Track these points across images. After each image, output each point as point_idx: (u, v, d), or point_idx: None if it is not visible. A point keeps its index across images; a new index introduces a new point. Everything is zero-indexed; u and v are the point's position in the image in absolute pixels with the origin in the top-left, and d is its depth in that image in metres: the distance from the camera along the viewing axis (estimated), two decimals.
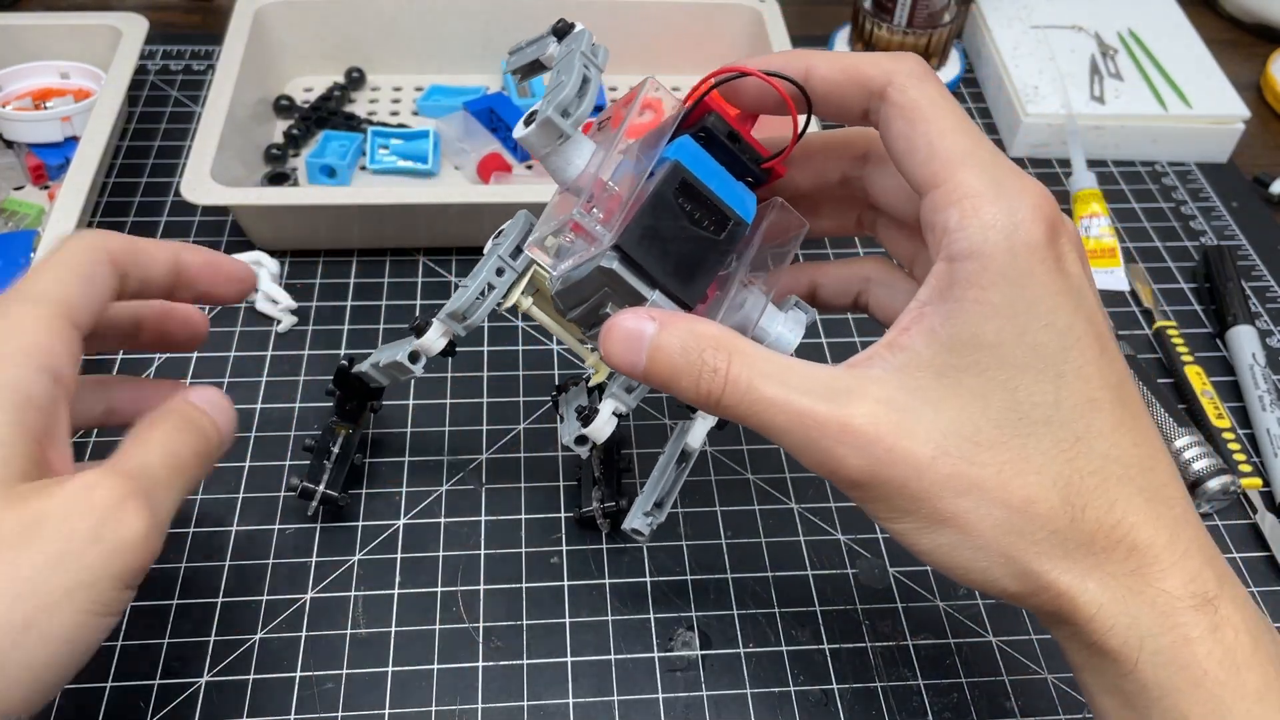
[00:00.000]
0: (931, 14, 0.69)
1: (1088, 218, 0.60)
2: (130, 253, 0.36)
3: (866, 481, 0.31)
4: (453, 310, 0.39)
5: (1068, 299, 0.31)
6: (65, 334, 0.32)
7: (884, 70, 0.33)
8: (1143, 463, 0.31)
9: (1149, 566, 0.30)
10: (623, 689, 0.41)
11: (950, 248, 0.31)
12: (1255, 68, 0.77)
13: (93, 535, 0.29)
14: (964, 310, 0.30)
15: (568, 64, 0.34)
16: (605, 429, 0.39)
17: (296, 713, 0.40)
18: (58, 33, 0.63)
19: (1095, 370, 0.31)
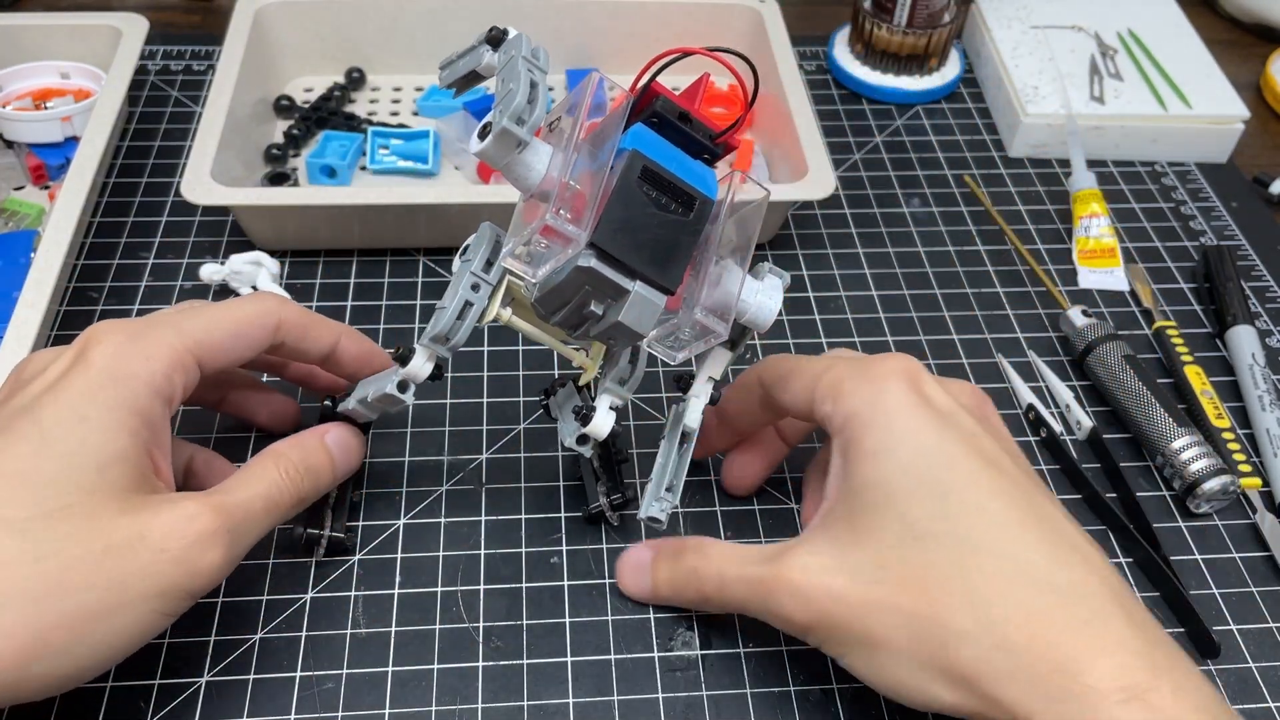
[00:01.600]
0: (931, 14, 0.69)
1: (1087, 218, 0.60)
2: (300, 328, 0.41)
3: (809, 623, 0.35)
4: (435, 334, 0.38)
5: (933, 426, 0.35)
6: (187, 369, 0.37)
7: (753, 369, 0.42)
8: (1051, 561, 0.33)
9: (1070, 663, 0.31)
10: (623, 689, 0.41)
11: (834, 427, 0.37)
12: (1255, 68, 0.77)
13: (179, 557, 0.34)
14: (853, 464, 0.36)
15: (511, 71, 0.33)
16: (605, 425, 0.39)
17: (296, 713, 0.40)
18: (58, 33, 0.63)
19: (978, 481, 0.34)
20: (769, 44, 0.64)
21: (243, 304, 0.40)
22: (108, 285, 0.55)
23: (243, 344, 0.39)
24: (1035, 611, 0.32)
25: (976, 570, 0.33)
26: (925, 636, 0.33)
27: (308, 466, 0.39)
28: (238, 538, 0.36)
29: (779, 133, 0.61)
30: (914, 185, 0.65)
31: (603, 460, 0.46)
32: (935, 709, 0.34)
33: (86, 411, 0.34)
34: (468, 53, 0.37)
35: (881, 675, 0.34)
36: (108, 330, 0.36)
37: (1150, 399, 0.50)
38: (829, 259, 0.60)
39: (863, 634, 0.34)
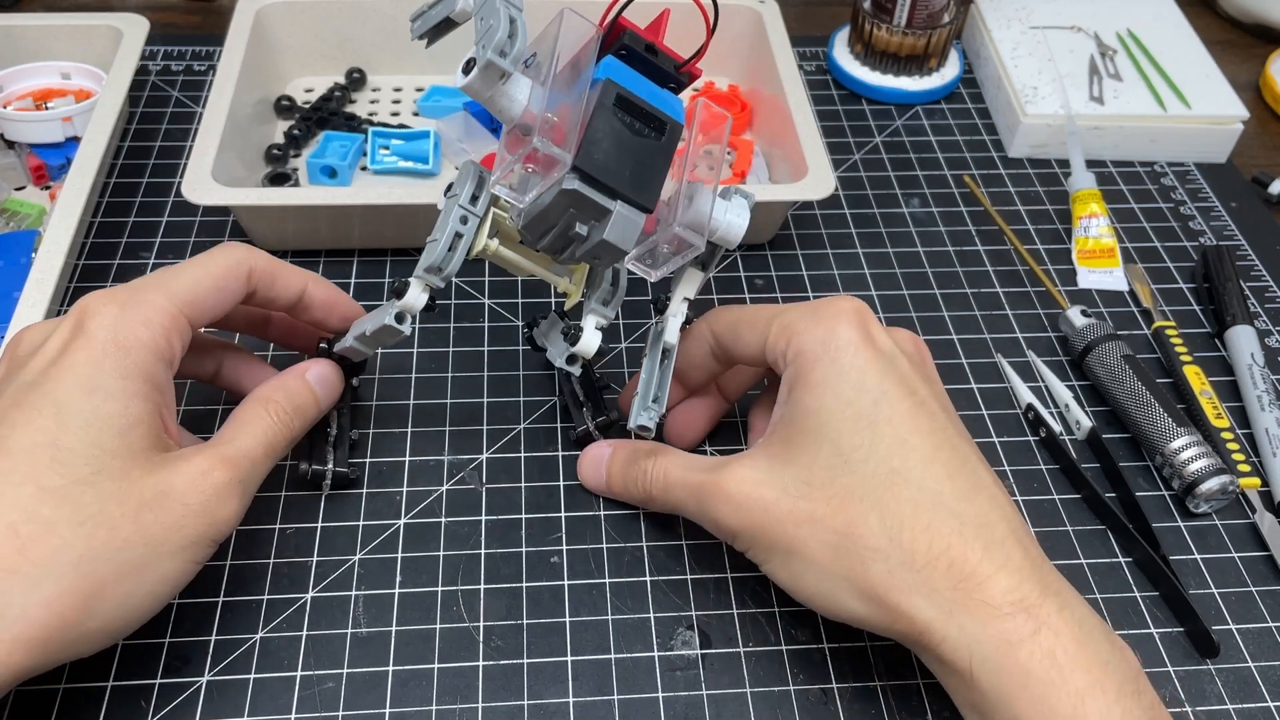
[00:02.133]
0: (931, 14, 0.69)
1: (1087, 218, 0.61)
2: (269, 274, 0.42)
3: (738, 529, 0.38)
4: (429, 265, 0.40)
5: (875, 366, 0.38)
6: (183, 330, 0.39)
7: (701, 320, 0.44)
8: (959, 494, 0.36)
9: (967, 580, 0.34)
10: (623, 688, 0.41)
11: (785, 362, 0.40)
12: (1254, 68, 0.77)
13: (201, 509, 0.36)
14: (797, 393, 0.39)
15: (489, 8, 0.35)
16: (593, 342, 0.42)
17: (297, 712, 0.40)
18: (59, 33, 0.63)
19: (906, 418, 0.37)
20: (769, 44, 0.64)
21: (215, 256, 0.41)
22: (109, 285, 0.55)
23: (224, 296, 0.41)
24: (940, 535, 0.35)
25: (893, 497, 0.36)
26: (842, 550, 0.36)
27: (295, 406, 0.41)
28: (248, 485, 0.38)
29: (779, 133, 0.61)
30: (914, 185, 0.65)
31: (585, 387, 0.48)
32: (844, 618, 0.37)
33: (97, 382, 0.36)
34: (439, 1, 0.38)
35: (799, 583, 0.37)
36: (102, 300, 0.38)
37: (1149, 399, 0.50)
38: (829, 259, 0.60)
39: (785, 543, 0.37)
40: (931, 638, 0.35)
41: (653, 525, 0.46)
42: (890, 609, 0.35)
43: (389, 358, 0.53)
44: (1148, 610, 0.45)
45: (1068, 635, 0.34)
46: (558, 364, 0.44)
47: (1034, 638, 0.33)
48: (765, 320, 0.41)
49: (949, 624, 0.34)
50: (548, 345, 0.47)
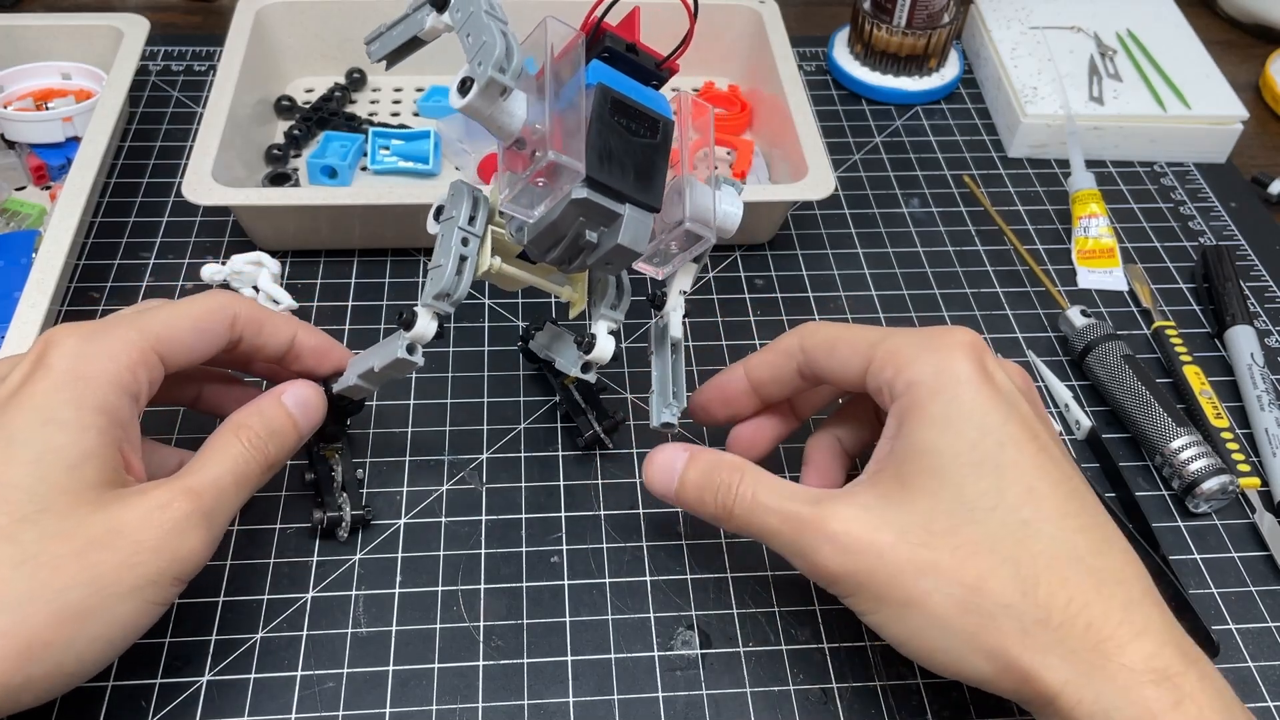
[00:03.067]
0: (930, 15, 0.69)
1: (1086, 218, 0.61)
2: (255, 323, 0.41)
3: (841, 574, 0.35)
4: (437, 291, 0.39)
5: (997, 406, 0.36)
6: (151, 365, 0.37)
7: (794, 332, 0.42)
8: (1092, 547, 0.34)
9: (1107, 642, 0.32)
10: (623, 688, 0.41)
11: (894, 393, 0.37)
12: (1254, 68, 0.77)
13: (158, 546, 0.34)
14: (910, 427, 0.36)
15: (475, 24, 0.35)
16: (608, 348, 0.42)
17: (297, 712, 0.40)
18: (59, 33, 0.63)
19: (1032, 465, 0.35)
20: (769, 44, 0.64)
21: (198, 300, 0.40)
22: (109, 285, 0.55)
23: (203, 339, 0.39)
24: (1078, 592, 0.33)
25: (1025, 550, 0.34)
26: (969, 606, 0.33)
27: (271, 431, 0.39)
28: (214, 517, 0.36)
29: (779, 133, 0.61)
30: (913, 185, 0.65)
31: (584, 393, 0.48)
32: (965, 677, 0.35)
33: (51, 414, 0.34)
34: (402, 20, 0.38)
35: (916, 640, 0.35)
36: (65, 333, 0.36)
37: (1149, 399, 0.50)
38: (829, 259, 0.60)
39: (902, 595, 0.34)
40: (1064, 702, 0.32)
41: (652, 525, 0.46)
42: (1021, 671, 0.33)
43: None
44: None
45: (1210, 709, 0.32)
46: (573, 373, 0.43)
47: (1177, 709, 0.31)
48: (869, 343, 0.38)
49: (1085, 689, 0.32)
50: (556, 356, 0.46)
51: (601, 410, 0.48)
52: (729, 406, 0.44)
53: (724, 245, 0.60)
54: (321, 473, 0.45)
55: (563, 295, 0.44)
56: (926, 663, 0.35)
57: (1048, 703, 0.33)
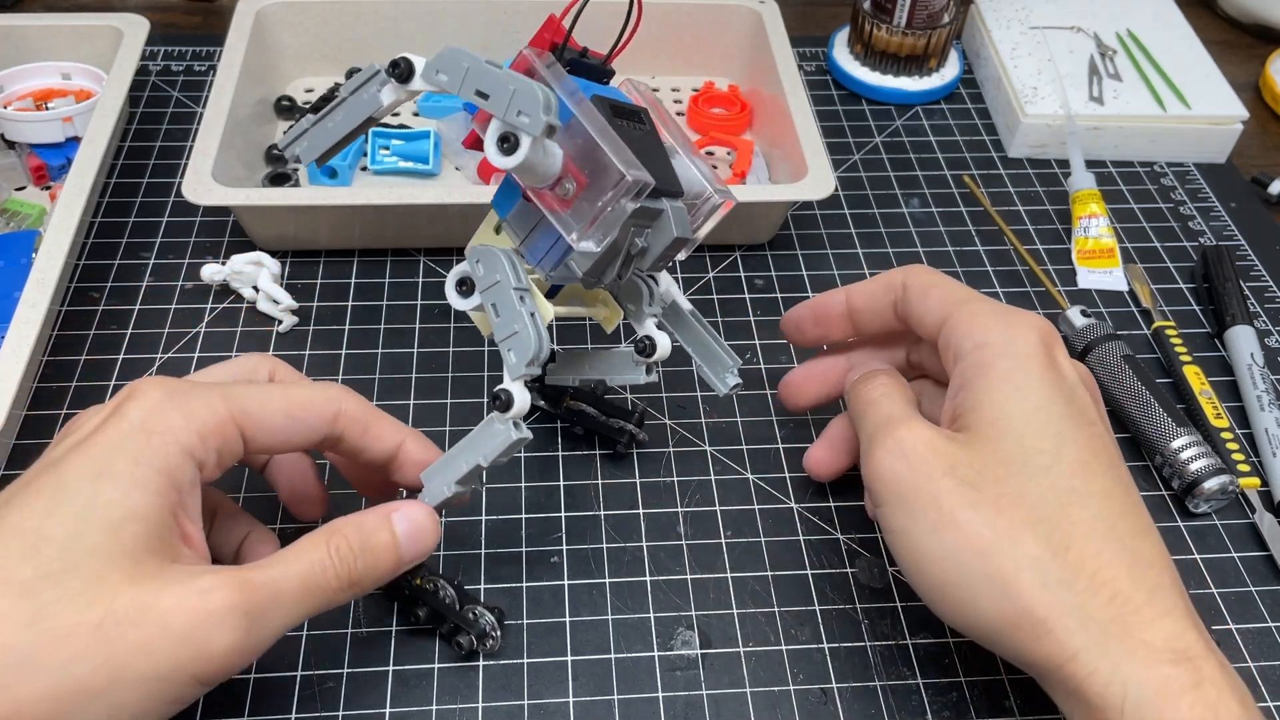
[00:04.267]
0: (930, 14, 0.69)
1: (1086, 218, 0.61)
2: (361, 423, 0.38)
3: (890, 477, 0.36)
4: (528, 359, 0.36)
5: (1061, 388, 0.37)
6: (229, 438, 0.35)
7: (901, 270, 0.43)
8: (1130, 530, 0.35)
9: (1131, 616, 0.32)
10: (623, 688, 0.41)
11: (960, 352, 0.38)
12: (1254, 68, 0.77)
13: (184, 636, 0.31)
14: (981, 382, 0.37)
15: (485, 78, 0.33)
16: (667, 342, 0.42)
17: (297, 712, 0.40)
18: (59, 33, 0.63)
19: (1086, 442, 0.36)
20: (769, 44, 0.64)
21: (302, 388, 0.38)
22: (109, 285, 0.56)
23: (297, 428, 0.36)
24: (1108, 564, 0.33)
25: (1067, 515, 0.34)
26: (998, 550, 0.33)
27: (365, 546, 0.35)
28: (261, 620, 0.32)
29: (779, 133, 0.61)
30: (913, 185, 0.65)
31: (596, 404, 0.48)
32: (967, 622, 0.35)
33: (107, 466, 0.32)
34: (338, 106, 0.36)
35: (936, 563, 0.35)
36: (150, 385, 0.34)
37: (1149, 399, 0.50)
38: (829, 259, 0.60)
39: (938, 518, 0.35)
40: (1077, 668, 0.32)
41: (652, 525, 0.46)
42: (1035, 624, 0.33)
43: (390, 359, 0.53)
44: None
45: (1230, 695, 0.31)
46: (642, 380, 0.44)
47: (1197, 690, 0.31)
48: (957, 299, 0.40)
49: (1102, 657, 0.32)
50: (604, 376, 0.45)
51: (619, 409, 0.48)
52: (821, 326, 0.45)
53: (724, 245, 0.60)
54: (433, 602, 0.41)
55: (600, 315, 0.43)
56: (938, 596, 0.35)
57: (1057, 667, 0.32)
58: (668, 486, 0.48)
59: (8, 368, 0.44)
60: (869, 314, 0.44)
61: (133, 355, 0.52)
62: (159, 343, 0.53)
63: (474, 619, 0.41)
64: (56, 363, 0.52)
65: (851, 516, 0.47)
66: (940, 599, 0.35)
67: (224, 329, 0.54)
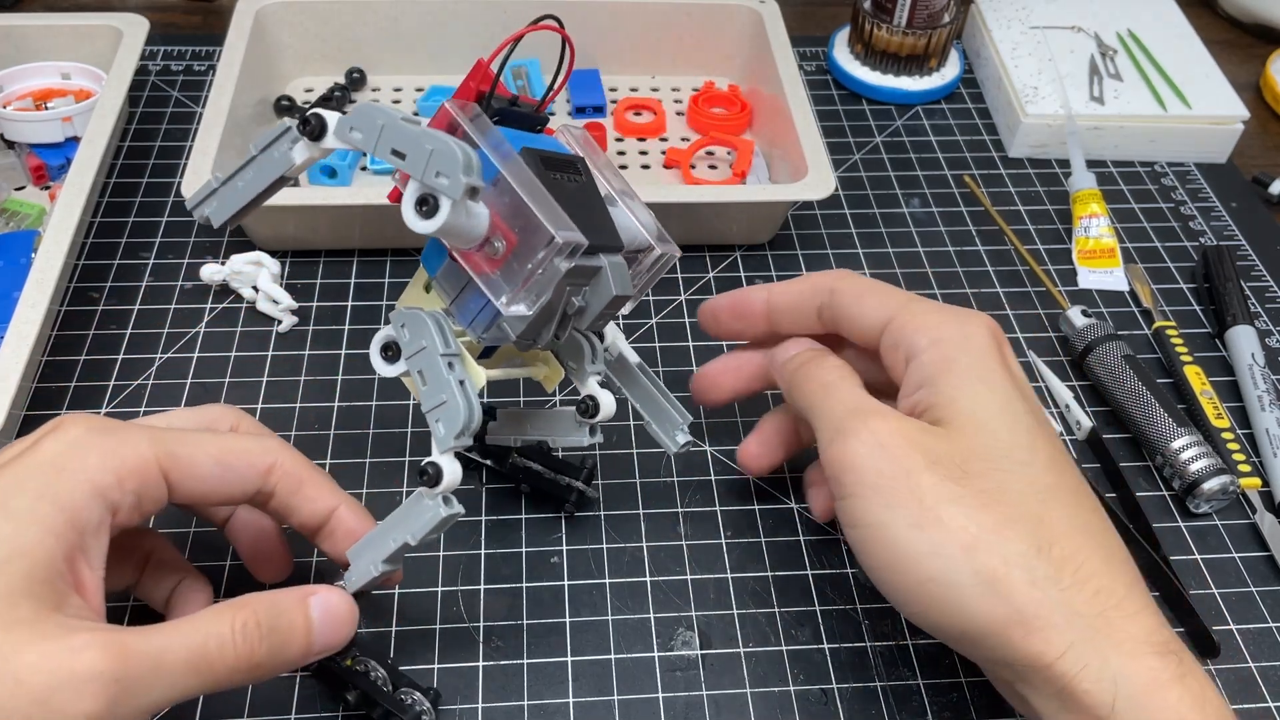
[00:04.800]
0: (931, 14, 0.69)
1: (1087, 218, 0.61)
2: (295, 479, 0.36)
3: (865, 466, 0.35)
4: (457, 430, 0.34)
5: (1018, 385, 0.37)
6: (150, 484, 0.33)
7: (829, 274, 0.42)
8: (1102, 527, 0.35)
9: (1114, 610, 0.32)
10: (623, 689, 0.41)
11: (914, 350, 0.37)
12: (1254, 68, 0.77)
13: (40, 698, 0.28)
14: (947, 380, 0.36)
15: (400, 136, 0.31)
16: (611, 400, 0.40)
17: (297, 712, 0.40)
18: (59, 33, 0.63)
19: (1054, 440, 0.36)
20: (769, 44, 0.64)
21: (239, 437, 0.36)
22: (108, 285, 0.55)
23: (227, 477, 0.35)
24: (1089, 560, 0.33)
25: (1048, 511, 0.34)
26: (987, 544, 0.33)
27: (274, 627, 0.32)
28: (133, 691, 0.29)
29: (779, 133, 0.61)
30: (914, 185, 0.65)
31: (544, 461, 0.46)
32: (948, 622, 0.34)
33: (5, 499, 0.30)
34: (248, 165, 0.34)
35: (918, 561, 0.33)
36: (73, 420, 0.33)
37: (1150, 399, 0.50)
38: (829, 259, 0.60)
39: (920, 513, 0.33)
40: (1066, 665, 0.31)
41: (652, 525, 0.46)
42: (1025, 622, 0.32)
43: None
44: None
45: (1210, 687, 0.32)
46: (585, 443, 0.42)
47: (1183, 681, 0.31)
48: (897, 302, 0.39)
49: (1092, 652, 0.31)
50: (547, 437, 0.44)
51: (566, 466, 0.46)
52: (740, 320, 0.44)
53: (724, 245, 0.60)
54: (364, 685, 0.38)
55: (540, 375, 0.42)
56: (917, 595, 0.34)
57: (1046, 666, 0.32)
58: (668, 486, 0.48)
59: (7, 368, 0.44)
60: (790, 315, 0.43)
61: (132, 355, 0.52)
62: (158, 343, 0.53)
63: (408, 704, 0.38)
64: (56, 363, 0.51)
65: None
66: (919, 597, 0.34)
67: (224, 329, 0.54)
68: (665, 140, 0.67)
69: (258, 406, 0.50)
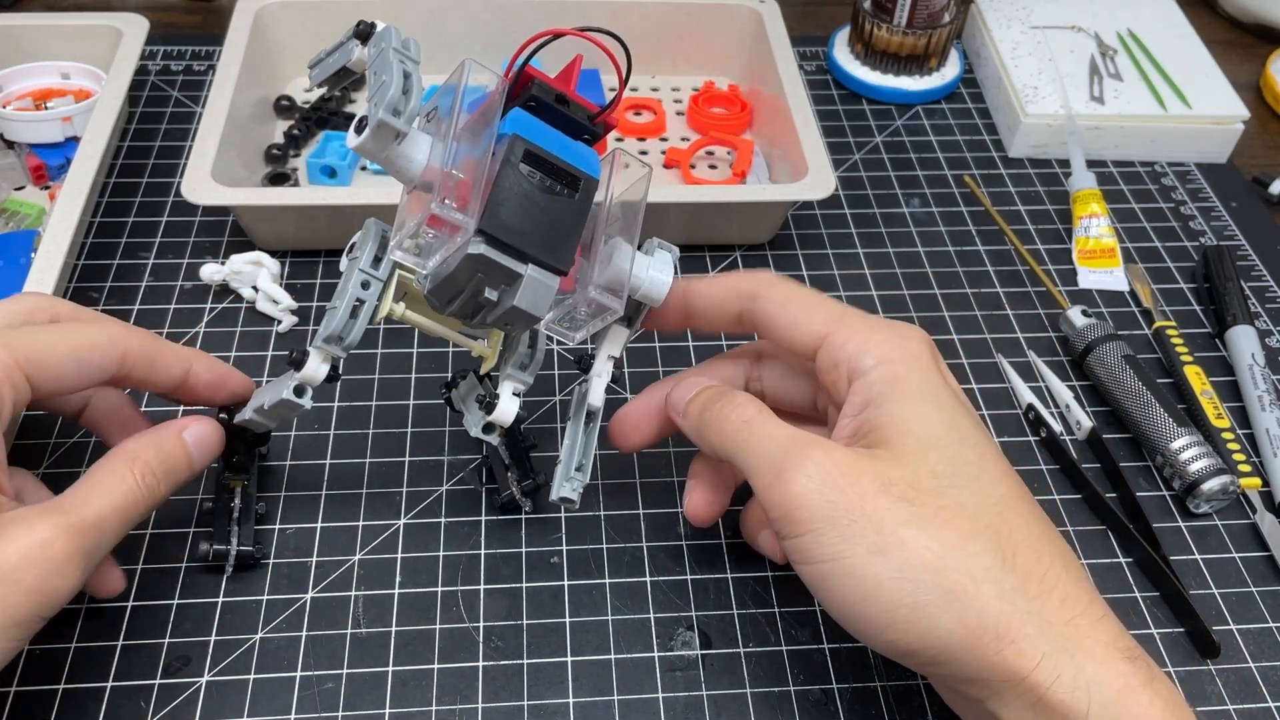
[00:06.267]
0: (931, 14, 0.69)
1: (1087, 218, 0.61)
2: (147, 358, 0.39)
3: (815, 502, 0.34)
4: (328, 334, 0.37)
5: (959, 397, 0.37)
6: (15, 386, 0.35)
7: (751, 278, 0.40)
8: (1056, 535, 0.35)
9: (1081, 618, 0.32)
10: (623, 689, 0.41)
11: (858, 368, 0.37)
12: (1254, 68, 0.77)
13: (36, 587, 0.32)
14: (891, 399, 0.36)
15: (383, 63, 0.33)
16: (510, 410, 0.40)
17: (297, 712, 0.40)
18: (59, 33, 0.63)
19: (998, 451, 0.36)
20: (769, 44, 0.64)
21: (84, 329, 0.38)
22: (108, 285, 0.55)
23: (81, 370, 0.37)
24: (1052, 568, 0.33)
25: (1005, 521, 0.34)
26: (950, 562, 0.32)
27: (166, 469, 0.37)
28: (92, 556, 0.34)
29: (779, 133, 0.61)
30: (914, 185, 0.65)
31: (511, 450, 0.46)
32: (918, 644, 0.33)
33: None
34: (337, 49, 0.37)
35: (880, 588, 0.32)
36: None
37: (1150, 399, 0.50)
38: (829, 259, 0.60)
39: (878, 539, 0.33)
40: (1041, 676, 0.31)
41: (652, 525, 0.46)
42: (998, 636, 0.32)
43: (390, 359, 0.53)
44: (1148, 610, 0.45)
45: (1176, 691, 0.32)
46: (473, 433, 0.42)
47: (1152, 686, 0.31)
48: (829, 316, 0.38)
49: (1065, 662, 0.31)
50: (465, 413, 0.45)
51: (526, 469, 0.46)
52: (654, 318, 0.41)
53: (724, 245, 0.60)
54: (218, 503, 0.44)
55: (475, 350, 0.42)
56: (886, 622, 0.33)
57: (1021, 679, 0.31)
58: (667, 486, 0.48)
59: None
60: (707, 315, 0.41)
61: None
62: None
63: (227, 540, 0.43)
64: None
65: None
66: (889, 624, 0.33)
67: (223, 329, 0.53)
68: (665, 140, 0.67)
69: None
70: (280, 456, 0.48)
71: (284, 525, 0.45)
